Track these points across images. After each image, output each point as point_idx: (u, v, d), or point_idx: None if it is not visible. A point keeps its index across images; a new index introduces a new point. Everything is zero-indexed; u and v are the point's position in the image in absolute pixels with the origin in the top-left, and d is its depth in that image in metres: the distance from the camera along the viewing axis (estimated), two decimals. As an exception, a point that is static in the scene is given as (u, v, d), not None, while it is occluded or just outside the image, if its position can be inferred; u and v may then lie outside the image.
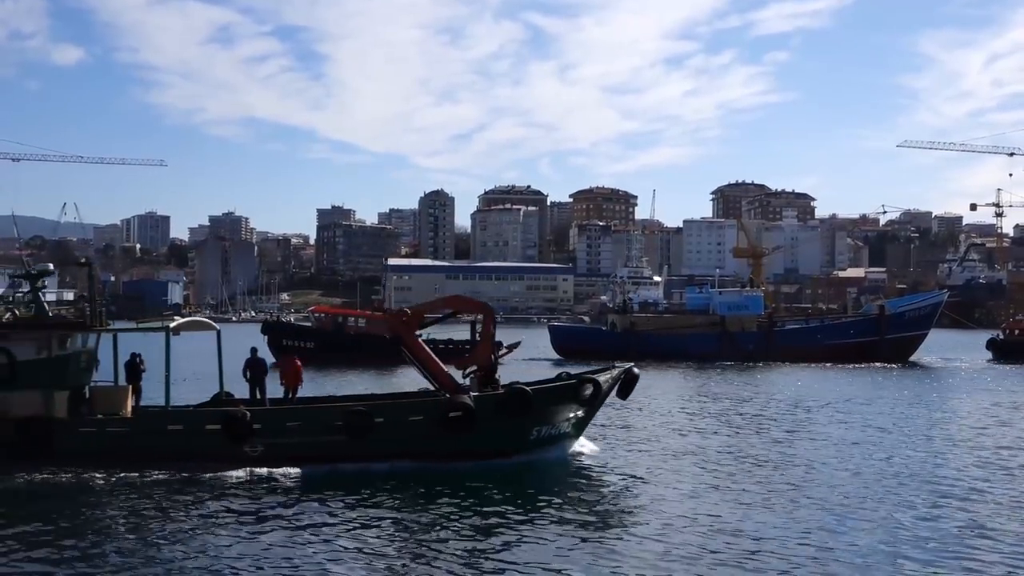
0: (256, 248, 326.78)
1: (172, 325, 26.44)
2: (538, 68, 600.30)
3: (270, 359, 66.82)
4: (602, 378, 25.94)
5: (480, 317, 28.75)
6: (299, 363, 27.41)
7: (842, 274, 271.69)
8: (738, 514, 19.34)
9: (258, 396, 26.57)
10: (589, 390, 25.40)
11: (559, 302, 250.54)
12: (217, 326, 28.41)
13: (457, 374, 26.49)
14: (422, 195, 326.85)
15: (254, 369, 26.80)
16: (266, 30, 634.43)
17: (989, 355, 78.22)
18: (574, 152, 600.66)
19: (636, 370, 27.02)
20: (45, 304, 26.82)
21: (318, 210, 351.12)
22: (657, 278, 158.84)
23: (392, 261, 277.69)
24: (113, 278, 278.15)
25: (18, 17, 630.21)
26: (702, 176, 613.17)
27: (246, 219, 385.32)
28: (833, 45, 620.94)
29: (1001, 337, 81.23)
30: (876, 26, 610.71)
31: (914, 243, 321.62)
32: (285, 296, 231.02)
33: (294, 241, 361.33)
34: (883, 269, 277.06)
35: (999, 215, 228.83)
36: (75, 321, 26.65)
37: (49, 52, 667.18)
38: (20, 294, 27.18)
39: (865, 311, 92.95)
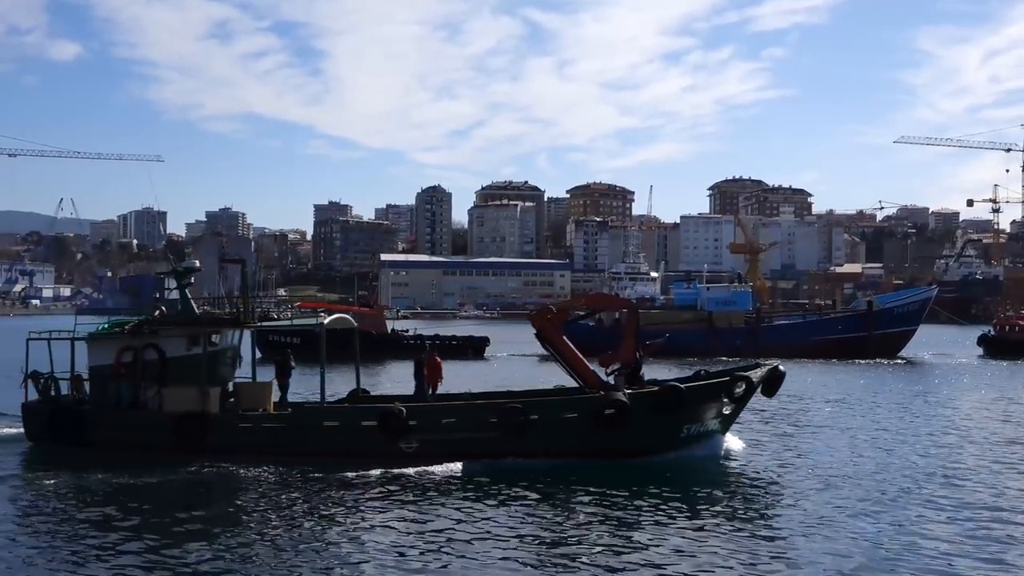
0: (253, 244, 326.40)
1: (325, 321, 26.90)
2: (536, 64, 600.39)
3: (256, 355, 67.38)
4: (755, 376, 25.68)
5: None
6: (439, 360, 27.53)
7: (839, 270, 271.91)
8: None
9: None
10: (742, 388, 25.24)
11: (556, 298, 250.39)
12: (354, 322, 28.46)
13: (600, 371, 26.35)
14: (419, 191, 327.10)
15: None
16: (264, 26, 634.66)
17: (980, 351, 78.32)
18: (572, 148, 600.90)
19: (782, 368, 26.66)
20: (192, 301, 27.32)
21: (315, 206, 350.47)
22: (654, 274, 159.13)
23: (388, 257, 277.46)
24: (110, 274, 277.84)
25: (16, 12, 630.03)
26: (700, 172, 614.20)
27: (243, 215, 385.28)
28: (831, 41, 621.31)
29: (992, 333, 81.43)
30: (873, 22, 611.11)
31: (911, 239, 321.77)
32: (282, 292, 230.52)
33: (291, 237, 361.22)
34: (880, 265, 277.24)
35: (996, 211, 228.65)
36: (228, 318, 27.22)
37: (47, 48, 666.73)
38: (167, 291, 27.80)
39: (854, 307, 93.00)
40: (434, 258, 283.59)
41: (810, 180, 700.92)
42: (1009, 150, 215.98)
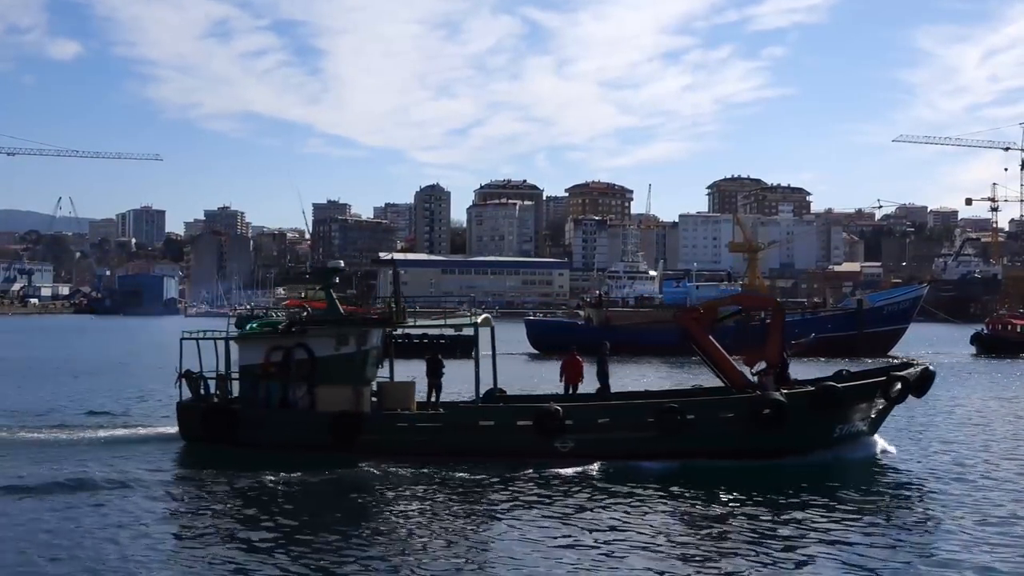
0: (252, 242, 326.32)
1: (479, 320, 27.00)
2: (535, 63, 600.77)
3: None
4: (910, 375, 25.29)
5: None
6: (580, 360, 27.49)
7: (837, 268, 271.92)
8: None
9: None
10: (898, 388, 24.94)
11: (555, 296, 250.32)
12: (494, 322, 28.77)
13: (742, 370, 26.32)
14: (418, 189, 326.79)
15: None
16: (263, 24, 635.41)
17: (973, 350, 78.37)
18: (571, 147, 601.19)
19: (932, 368, 26.26)
20: (336, 301, 27.55)
21: (314, 204, 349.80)
22: (653, 273, 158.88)
23: (386, 256, 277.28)
24: (108, 273, 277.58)
25: (15, 11, 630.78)
26: (699, 171, 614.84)
27: (242, 213, 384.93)
28: (830, 40, 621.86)
29: (985, 332, 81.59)
30: (873, 21, 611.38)
31: (909, 238, 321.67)
32: (281, 290, 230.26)
33: (290, 236, 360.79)
34: (879, 263, 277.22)
35: (994, 210, 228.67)
36: (382, 317, 27.39)
37: (46, 46, 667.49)
38: (312, 290, 28.04)
39: (844, 306, 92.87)
40: (433, 257, 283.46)
41: (809, 179, 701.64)
42: (1008, 149, 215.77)
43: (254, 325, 27.78)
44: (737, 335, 27.76)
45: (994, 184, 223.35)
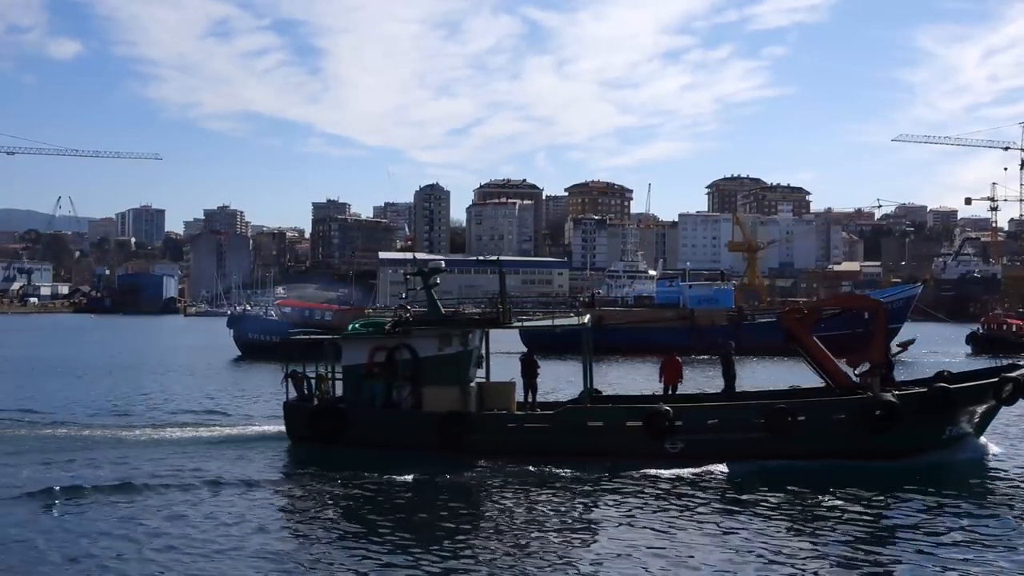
0: (251, 242, 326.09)
1: (586, 319, 27.35)
2: (535, 62, 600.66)
3: (234, 352, 66.88)
4: (1022, 377, 24.86)
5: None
6: (680, 360, 27.53)
7: (837, 268, 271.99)
8: None
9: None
10: (1010, 389, 24.63)
11: (554, 296, 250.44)
12: (587, 321, 28.71)
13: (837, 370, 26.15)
14: (417, 189, 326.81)
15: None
16: (264, 24, 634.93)
17: (969, 349, 78.34)
18: (571, 146, 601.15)
19: None
20: (438, 301, 27.60)
21: (313, 204, 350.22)
22: (652, 272, 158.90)
23: (386, 255, 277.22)
24: (108, 272, 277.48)
25: (16, 10, 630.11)
26: (699, 170, 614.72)
27: (241, 213, 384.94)
28: (830, 40, 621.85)
29: (981, 331, 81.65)
30: (873, 21, 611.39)
31: (909, 237, 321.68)
32: (280, 290, 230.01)
33: (289, 235, 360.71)
34: (878, 263, 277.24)
35: (994, 209, 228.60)
36: (489, 317, 27.58)
37: (46, 46, 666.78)
38: (413, 291, 28.27)
39: None
40: (432, 256, 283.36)
41: (809, 178, 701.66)
42: (1007, 148, 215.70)
43: (358, 325, 27.86)
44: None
45: (994, 184, 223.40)
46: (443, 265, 32.27)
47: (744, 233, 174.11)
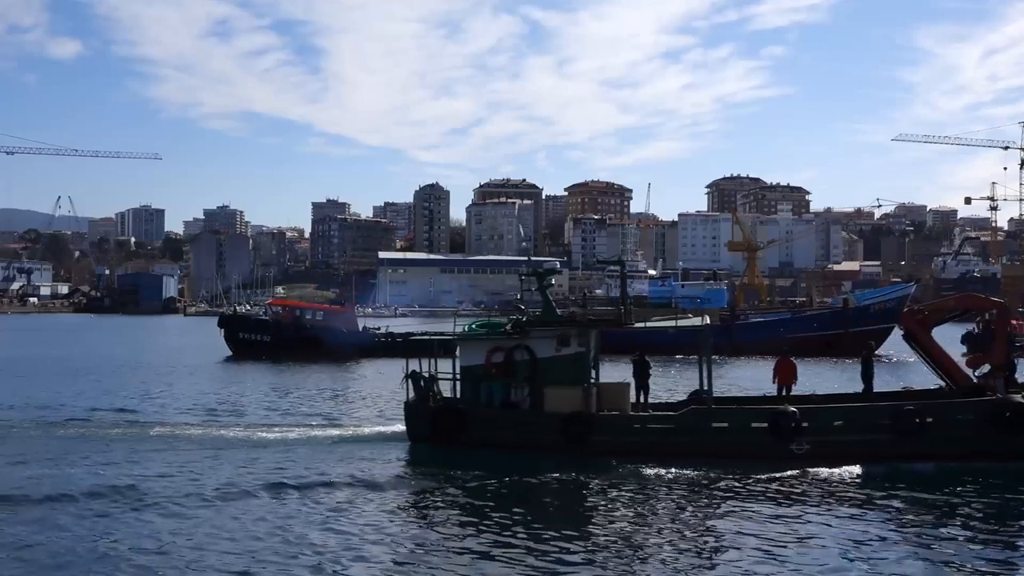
0: (251, 241, 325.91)
1: (706, 320, 27.42)
2: (536, 62, 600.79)
3: (224, 352, 66.91)
4: None
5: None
6: (794, 362, 27.59)
7: (837, 267, 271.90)
8: None
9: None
10: None
11: (554, 295, 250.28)
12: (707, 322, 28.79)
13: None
14: (417, 188, 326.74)
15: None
16: (264, 24, 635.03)
17: (964, 349, 78.07)
18: (571, 146, 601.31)
19: None
20: (552, 302, 27.93)
21: (313, 203, 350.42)
22: (652, 272, 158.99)
23: (386, 255, 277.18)
24: (107, 272, 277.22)
25: (16, 10, 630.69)
26: (699, 170, 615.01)
27: (241, 212, 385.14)
28: (830, 39, 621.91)
29: (976, 331, 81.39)
30: (873, 20, 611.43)
31: (909, 237, 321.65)
32: (280, 290, 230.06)
33: (289, 235, 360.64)
34: (878, 263, 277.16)
35: (994, 209, 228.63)
36: (612, 318, 27.93)
37: (47, 45, 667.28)
38: (528, 291, 28.82)
39: (831, 304, 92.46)
40: (432, 256, 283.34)
41: (809, 178, 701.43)
42: (1007, 148, 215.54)
43: (474, 326, 27.87)
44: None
45: (993, 183, 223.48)
46: (557, 266, 32.54)
47: (744, 233, 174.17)
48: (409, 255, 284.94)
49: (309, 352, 63.38)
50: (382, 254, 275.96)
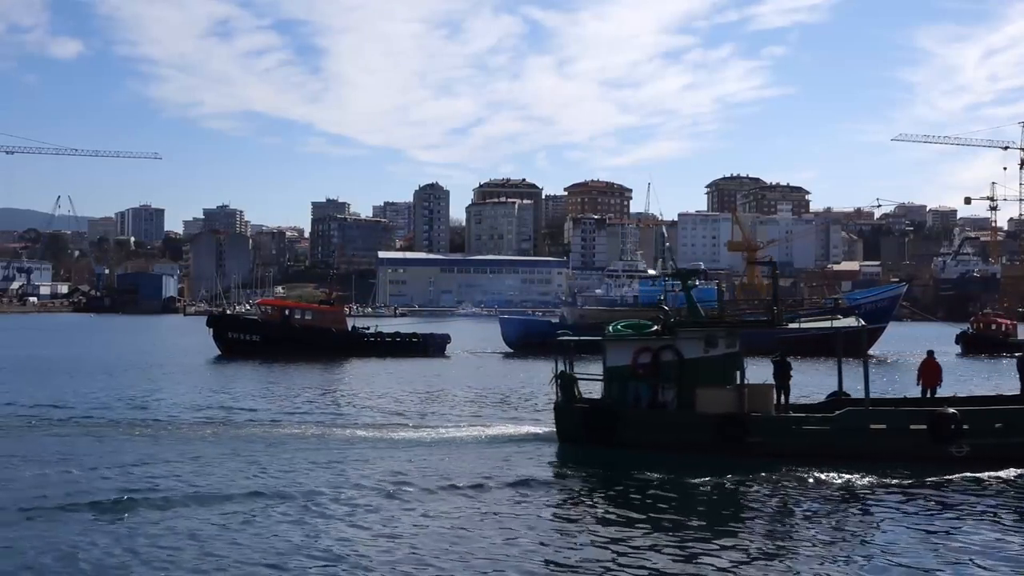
0: (251, 241, 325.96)
1: (862, 323, 27.07)
2: (536, 62, 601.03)
3: (214, 352, 66.81)
4: None
5: None
6: (938, 363, 27.28)
7: (836, 267, 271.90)
8: None
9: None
10: None
11: (554, 295, 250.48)
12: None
13: None
14: (417, 188, 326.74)
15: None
16: (265, 24, 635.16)
17: (959, 349, 78.12)
18: (571, 146, 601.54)
19: None
20: (697, 303, 27.67)
21: (313, 203, 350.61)
22: (652, 271, 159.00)
23: (386, 254, 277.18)
24: (107, 271, 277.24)
25: (17, 10, 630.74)
26: (699, 170, 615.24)
27: (240, 212, 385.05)
28: (830, 40, 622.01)
29: (970, 331, 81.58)
30: (873, 21, 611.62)
31: (908, 237, 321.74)
32: (280, 289, 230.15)
33: (289, 234, 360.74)
34: (878, 263, 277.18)
35: (993, 208, 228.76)
36: (764, 319, 27.54)
37: (48, 45, 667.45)
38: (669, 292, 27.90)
39: (823, 304, 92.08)
40: (432, 255, 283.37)
41: (809, 178, 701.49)
42: (1007, 148, 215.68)
43: (619, 327, 27.59)
44: None
45: (993, 183, 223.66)
46: (701, 266, 32.02)
47: (743, 232, 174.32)
48: (409, 255, 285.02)
49: (299, 352, 63.42)
50: (382, 254, 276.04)
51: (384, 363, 61.07)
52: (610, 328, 27.61)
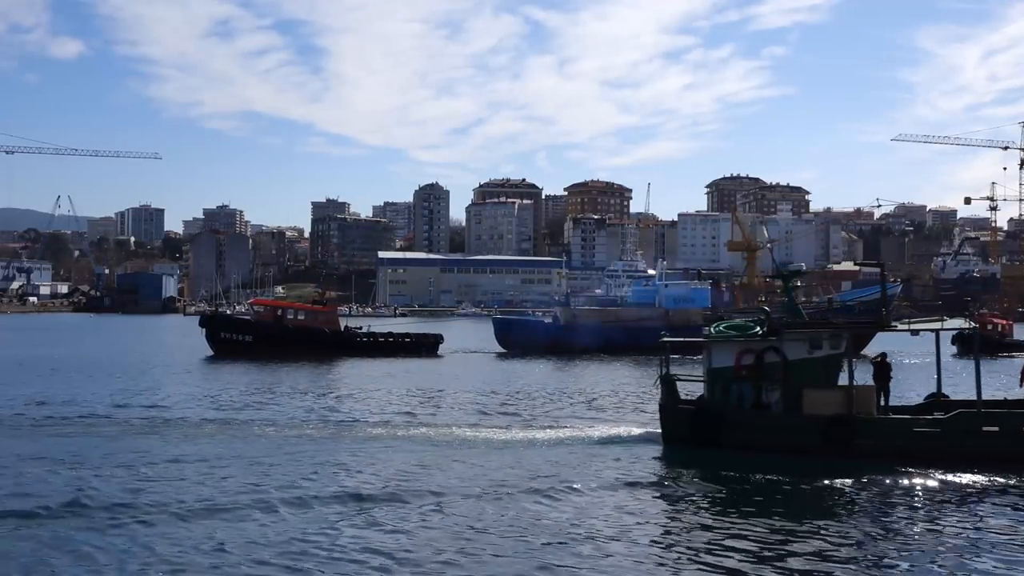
0: (251, 241, 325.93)
1: (972, 324, 27.05)
2: (537, 62, 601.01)
3: (206, 352, 66.75)
4: None
5: None
6: None
7: (836, 268, 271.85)
8: None
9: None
10: None
11: (553, 296, 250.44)
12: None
13: None
14: (417, 188, 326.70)
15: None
16: (266, 24, 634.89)
17: (955, 349, 77.93)
18: (571, 146, 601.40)
19: None
20: (798, 304, 27.48)
21: (313, 203, 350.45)
22: (651, 272, 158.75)
23: (386, 254, 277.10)
24: (107, 271, 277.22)
25: (18, 10, 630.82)
26: (699, 170, 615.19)
27: (240, 212, 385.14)
28: (831, 40, 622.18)
29: (967, 331, 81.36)
30: (873, 21, 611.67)
31: (908, 237, 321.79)
32: (279, 289, 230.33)
33: (289, 234, 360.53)
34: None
35: (993, 209, 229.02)
36: (872, 321, 27.71)
37: (48, 45, 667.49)
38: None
39: (817, 304, 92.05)
40: (432, 255, 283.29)
41: (810, 178, 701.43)
42: (1007, 148, 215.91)
43: (721, 327, 27.51)
44: None
45: (993, 183, 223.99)
46: (803, 267, 32.04)
47: (743, 232, 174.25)
48: (409, 255, 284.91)
49: (291, 352, 63.39)
50: (382, 254, 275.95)
51: (384, 363, 61.06)
52: (712, 329, 27.46)
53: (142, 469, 22.61)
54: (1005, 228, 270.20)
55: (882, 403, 26.23)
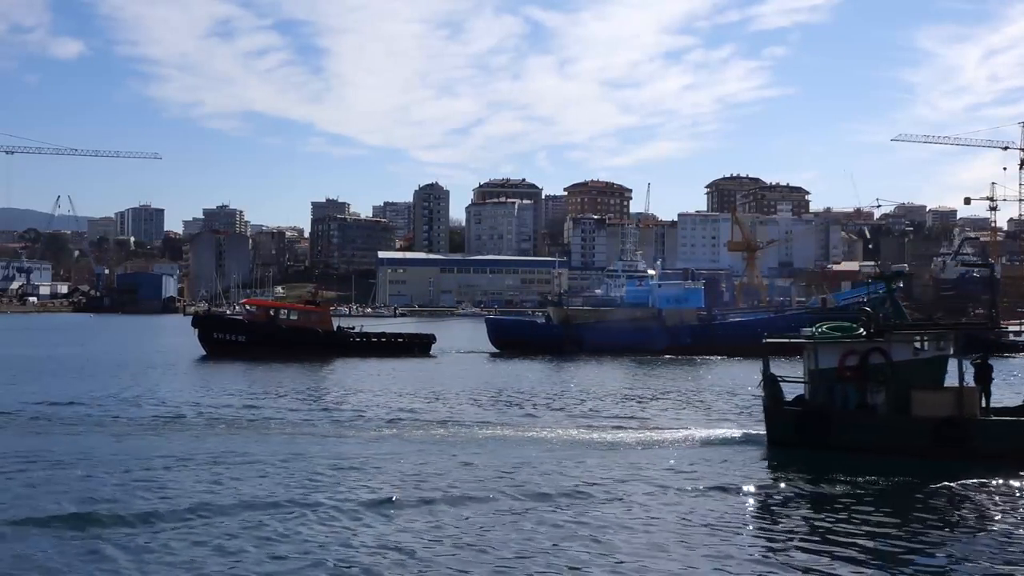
0: (251, 241, 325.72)
1: None
2: (537, 62, 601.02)
3: (199, 352, 66.69)
4: None
5: None
6: None
7: (836, 267, 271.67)
8: None
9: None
10: None
11: (554, 295, 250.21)
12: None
13: None
14: (417, 188, 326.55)
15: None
16: (266, 24, 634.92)
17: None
18: (571, 146, 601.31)
19: None
20: (902, 306, 27.61)
21: (313, 203, 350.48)
22: (651, 271, 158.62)
23: (386, 254, 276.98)
24: (107, 271, 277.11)
25: (19, 11, 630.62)
26: (699, 170, 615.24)
27: (240, 212, 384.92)
28: (831, 40, 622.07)
29: None
30: (874, 21, 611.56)
31: (908, 237, 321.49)
32: (279, 289, 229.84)
33: (288, 234, 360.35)
34: (877, 263, 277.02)
35: (993, 209, 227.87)
36: (980, 323, 27.26)
37: (49, 45, 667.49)
38: (875, 295, 28.90)
39: (810, 305, 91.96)
40: (432, 255, 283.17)
41: (810, 179, 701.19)
42: (1007, 148, 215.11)
43: (825, 329, 27.44)
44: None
45: (993, 183, 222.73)
46: (905, 268, 32.11)
47: (743, 232, 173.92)
48: (409, 255, 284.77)
49: (284, 352, 63.34)
50: (382, 254, 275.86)
51: (385, 363, 61.06)
52: (815, 330, 27.34)
53: (138, 472, 22.57)
54: (1005, 228, 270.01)
55: (983, 404, 26.10)
